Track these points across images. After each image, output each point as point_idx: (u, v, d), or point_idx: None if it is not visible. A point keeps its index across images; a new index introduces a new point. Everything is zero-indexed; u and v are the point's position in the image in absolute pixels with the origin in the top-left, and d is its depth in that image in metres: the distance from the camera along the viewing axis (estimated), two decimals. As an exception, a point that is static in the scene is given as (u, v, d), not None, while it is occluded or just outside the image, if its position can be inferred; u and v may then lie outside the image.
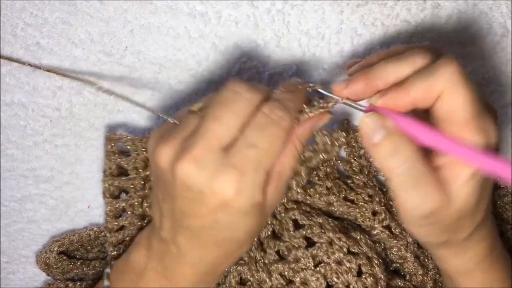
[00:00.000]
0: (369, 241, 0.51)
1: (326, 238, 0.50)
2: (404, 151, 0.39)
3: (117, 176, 0.52)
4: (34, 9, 0.52)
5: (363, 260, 0.49)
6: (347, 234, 0.51)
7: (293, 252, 0.50)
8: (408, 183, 0.39)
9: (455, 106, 0.39)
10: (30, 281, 0.59)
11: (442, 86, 0.39)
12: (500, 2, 0.54)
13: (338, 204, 0.52)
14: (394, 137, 0.39)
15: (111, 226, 0.51)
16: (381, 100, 0.40)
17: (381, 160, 0.40)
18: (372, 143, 0.40)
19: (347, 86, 0.41)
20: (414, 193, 0.39)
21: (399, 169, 0.39)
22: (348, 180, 0.55)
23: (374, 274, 0.49)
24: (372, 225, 0.52)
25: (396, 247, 0.52)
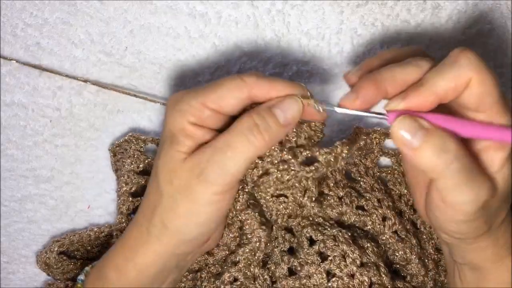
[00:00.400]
0: (375, 249, 0.51)
1: (339, 251, 0.49)
2: (450, 147, 0.38)
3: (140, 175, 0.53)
4: (34, 9, 0.52)
5: (373, 271, 0.49)
6: (356, 243, 0.50)
7: (306, 268, 0.49)
8: (461, 179, 0.38)
9: (485, 91, 0.39)
10: (30, 281, 0.59)
11: (470, 73, 0.39)
12: (500, 2, 0.54)
13: (351, 215, 0.52)
14: (435, 136, 0.39)
15: (124, 225, 0.52)
16: (404, 102, 0.39)
17: (428, 162, 0.38)
18: (413, 147, 0.39)
19: (358, 96, 0.40)
20: (468, 188, 0.39)
21: (451, 167, 0.38)
22: (356, 185, 0.54)
23: (383, 283, 0.49)
24: (382, 230, 0.52)
25: (402, 250, 0.52)
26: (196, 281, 0.52)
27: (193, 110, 0.42)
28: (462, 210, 0.40)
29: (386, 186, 0.56)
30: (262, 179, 0.47)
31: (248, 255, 0.50)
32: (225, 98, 0.42)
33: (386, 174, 0.56)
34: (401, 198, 0.55)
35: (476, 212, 0.40)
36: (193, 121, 0.42)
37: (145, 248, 0.44)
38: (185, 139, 0.42)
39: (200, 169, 0.41)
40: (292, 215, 0.52)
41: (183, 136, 0.42)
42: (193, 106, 0.42)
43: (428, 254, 0.54)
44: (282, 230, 0.52)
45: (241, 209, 0.50)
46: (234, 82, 0.42)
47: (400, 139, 0.39)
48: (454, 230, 0.43)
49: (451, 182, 0.39)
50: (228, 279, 0.50)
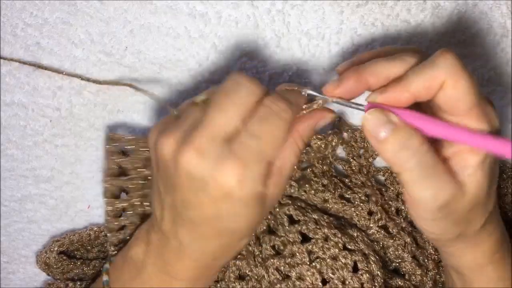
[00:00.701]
0: (366, 238, 0.51)
1: (321, 234, 0.50)
2: (413, 143, 0.39)
3: (118, 176, 0.52)
4: (34, 9, 0.52)
5: (359, 257, 0.49)
6: (343, 230, 0.51)
7: (289, 247, 0.50)
8: (421, 175, 0.39)
9: (458, 95, 0.39)
10: (30, 281, 0.59)
11: (444, 76, 0.39)
12: (500, 2, 0.54)
13: (333, 202, 0.53)
14: (401, 131, 0.39)
15: (111, 226, 0.51)
16: (381, 96, 0.40)
17: (390, 155, 0.40)
18: (378, 139, 0.40)
19: (338, 85, 0.42)
20: (428, 184, 0.39)
21: (411, 161, 0.39)
22: (346, 179, 0.55)
23: (370, 270, 0.49)
24: (368, 224, 0.52)
25: (393, 246, 0.52)
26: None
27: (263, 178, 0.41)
28: (423, 206, 0.40)
29: (384, 186, 0.56)
30: None
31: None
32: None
33: (383, 173, 0.56)
34: (398, 197, 0.55)
35: (438, 210, 0.40)
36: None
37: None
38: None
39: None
40: None
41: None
42: (264, 168, 0.40)
43: (428, 254, 0.54)
44: None
45: None
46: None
47: (369, 130, 0.40)
48: (426, 229, 0.43)
49: (412, 178, 0.39)
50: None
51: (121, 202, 0.52)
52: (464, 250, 0.45)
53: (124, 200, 0.52)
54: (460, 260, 0.46)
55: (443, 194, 0.40)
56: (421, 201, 0.40)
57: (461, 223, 0.42)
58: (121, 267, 0.48)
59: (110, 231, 0.51)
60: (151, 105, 0.55)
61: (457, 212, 0.41)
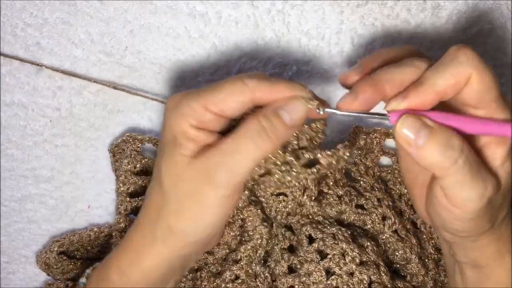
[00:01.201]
0: (375, 247, 0.51)
1: (339, 250, 0.49)
2: (456, 144, 0.38)
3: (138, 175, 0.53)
4: (34, 9, 0.52)
5: (373, 270, 0.49)
6: (356, 242, 0.50)
7: (305, 266, 0.49)
8: (468, 175, 0.39)
9: (484, 87, 0.39)
10: (30, 281, 0.59)
11: (470, 70, 0.39)
12: (500, 2, 0.54)
13: (350, 213, 0.52)
14: (440, 133, 0.39)
15: (122, 225, 0.51)
16: (405, 102, 0.39)
17: (433, 160, 0.39)
18: (418, 146, 0.39)
19: (356, 98, 0.40)
20: (475, 183, 0.39)
21: (459, 161, 0.38)
22: (355, 184, 0.54)
23: (382, 282, 0.49)
24: (382, 230, 0.52)
25: (402, 249, 0.52)
26: (196, 280, 0.52)
27: (194, 113, 0.41)
28: (469, 207, 0.40)
29: (386, 185, 0.56)
30: (264, 178, 0.47)
31: (250, 252, 0.50)
32: (227, 102, 0.41)
33: (386, 174, 0.56)
34: (401, 198, 0.55)
35: (482, 209, 0.40)
36: (195, 124, 0.42)
37: (149, 251, 0.44)
38: (188, 142, 0.42)
39: (208, 173, 0.41)
40: (291, 213, 0.52)
41: (185, 139, 0.42)
42: (195, 109, 0.41)
43: (428, 254, 0.54)
44: (282, 227, 0.52)
45: (243, 206, 0.50)
46: (236, 86, 0.41)
47: (404, 138, 0.39)
48: (459, 229, 0.42)
49: (458, 179, 0.39)
50: (229, 277, 0.50)
51: (138, 201, 0.52)
52: (490, 242, 0.44)
53: (139, 200, 0.52)
54: (483, 252, 0.45)
55: (488, 191, 0.39)
56: (466, 202, 0.39)
57: (494, 216, 0.42)
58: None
59: (119, 231, 0.51)
60: (151, 105, 0.55)
61: (494, 207, 0.41)
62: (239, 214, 0.51)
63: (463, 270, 0.48)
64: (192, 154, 0.42)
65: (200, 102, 0.41)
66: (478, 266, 0.46)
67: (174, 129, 0.42)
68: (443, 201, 0.41)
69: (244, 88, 0.41)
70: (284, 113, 0.42)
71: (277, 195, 0.51)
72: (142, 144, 0.54)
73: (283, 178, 0.48)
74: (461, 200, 0.39)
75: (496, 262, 0.45)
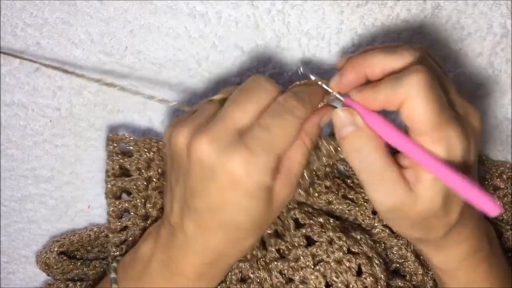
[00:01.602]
0: (369, 241, 0.51)
1: (326, 237, 0.50)
2: (367, 148, 0.41)
3: (120, 176, 0.52)
4: (34, 9, 0.52)
5: (363, 260, 0.49)
6: (347, 233, 0.51)
7: (293, 251, 0.50)
8: (371, 178, 0.41)
9: (415, 115, 0.39)
10: (30, 281, 0.59)
11: (404, 94, 0.39)
12: (500, 2, 0.54)
13: (337, 202, 0.53)
14: (360, 134, 0.41)
15: (113, 227, 0.51)
16: (357, 95, 0.42)
17: (346, 153, 0.42)
18: (341, 136, 0.42)
19: (341, 80, 0.42)
20: (378, 187, 0.41)
21: (360, 165, 0.41)
22: (348, 180, 0.55)
23: (374, 274, 0.49)
24: (372, 224, 0.52)
25: (397, 246, 0.52)
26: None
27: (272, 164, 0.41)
28: (376, 206, 0.42)
29: None
30: None
31: None
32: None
33: None
34: None
35: (389, 212, 0.42)
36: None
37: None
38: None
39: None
40: None
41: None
42: (273, 161, 0.41)
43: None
44: None
45: None
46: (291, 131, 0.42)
47: (335, 125, 0.42)
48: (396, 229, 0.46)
49: (362, 178, 0.41)
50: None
51: (123, 203, 0.52)
52: (430, 252, 0.46)
53: (126, 201, 0.52)
54: (430, 262, 0.47)
55: (390, 200, 0.41)
56: (373, 200, 0.42)
57: (417, 228, 0.43)
58: (129, 265, 0.48)
59: (112, 232, 0.51)
60: (151, 105, 0.55)
61: (410, 218, 0.41)
62: None
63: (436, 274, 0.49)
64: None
65: (274, 155, 0.42)
66: (435, 274, 0.49)
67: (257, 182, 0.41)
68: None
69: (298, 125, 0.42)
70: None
71: None
72: (118, 144, 0.53)
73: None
74: (369, 196, 0.42)
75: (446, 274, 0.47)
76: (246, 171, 0.39)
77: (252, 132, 0.40)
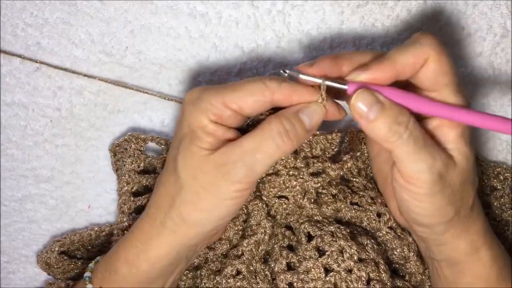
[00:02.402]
0: (375, 246, 0.51)
1: (337, 247, 0.50)
2: (403, 118, 0.41)
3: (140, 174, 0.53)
4: (35, 9, 0.52)
5: (372, 267, 0.49)
6: (355, 240, 0.51)
7: (304, 263, 0.50)
8: (415, 146, 0.41)
9: (441, 69, 0.41)
10: (31, 281, 0.59)
11: (429, 52, 0.41)
12: (500, 2, 0.54)
13: (346, 210, 0.52)
14: (390, 109, 0.41)
15: (126, 224, 0.52)
16: (364, 74, 0.41)
17: (382, 133, 0.41)
18: (369, 120, 0.41)
19: (313, 64, 0.43)
20: (423, 155, 0.41)
21: (404, 135, 0.41)
22: (348, 184, 0.55)
23: (381, 280, 0.49)
24: (378, 226, 0.52)
25: (400, 247, 0.52)
26: (196, 279, 0.52)
27: (214, 108, 0.43)
28: (420, 179, 0.42)
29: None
30: (270, 177, 0.48)
31: (253, 247, 0.50)
32: (247, 101, 0.43)
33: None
34: None
35: (434, 183, 0.41)
36: (214, 119, 0.43)
37: (158, 241, 0.45)
38: (206, 136, 0.43)
39: (228, 168, 0.42)
40: (290, 213, 0.52)
41: (204, 133, 0.43)
42: (214, 105, 0.43)
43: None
44: (282, 227, 0.52)
45: (249, 199, 0.50)
46: (256, 86, 0.43)
47: (358, 111, 0.41)
48: (420, 212, 0.44)
49: (406, 151, 0.41)
50: (230, 272, 0.50)
51: (142, 199, 0.53)
52: (459, 235, 0.46)
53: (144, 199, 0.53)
54: (455, 247, 0.47)
55: (438, 163, 0.41)
56: (418, 174, 0.41)
57: (456, 200, 0.43)
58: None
59: (123, 230, 0.52)
60: (152, 105, 0.55)
61: (451, 186, 0.42)
62: (243, 208, 0.51)
63: (441, 269, 0.49)
64: (210, 148, 0.43)
65: (220, 99, 0.43)
66: (454, 263, 0.48)
67: (193, 123, 0.44)
68: (401, 181, 0.43)
69: (264, 89, 0.43)
70: (304, 117, 0.43)
71: (279, 197, 0.51)
72: (145, 143, 0.54)
73: (288, 182, 0.49)
74: (412, 173, 0.42)
75: (470, 257, 0.47)
76: (189, 105, 0.43)
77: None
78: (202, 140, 0.43)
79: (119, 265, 0.47)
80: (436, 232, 0.46)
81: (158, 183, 0.47)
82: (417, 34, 0.43)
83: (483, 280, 0.47)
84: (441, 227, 0.45)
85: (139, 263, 0.46)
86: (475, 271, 0.47)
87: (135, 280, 0.46)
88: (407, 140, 0.41)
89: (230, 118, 0.43)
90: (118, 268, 0.47)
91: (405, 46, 0.42)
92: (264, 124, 0.43)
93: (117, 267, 0.47)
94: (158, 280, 0.47)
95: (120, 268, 0.47)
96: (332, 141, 0.48)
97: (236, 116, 0.44)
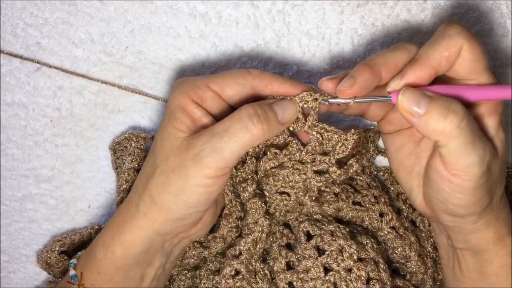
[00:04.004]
0: (375, 245, 0.51)
1: (336, 246, 0.49)
2: (456, 107, 0.40)
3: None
4: (35, 9, 0.52)
5: (371, 267, 0.49)
6: (355, 239, 0.51)
7: (303, 262, 0.50)
8: (471, 138, 0.40)
9: (476, 56, 0.41)
10: (31, 280, 0.59)
11: (461, 41, 0.41)
12: (500, 2, 0.54)
13: (347, 210, 0.52)
14: (440, 100, 0.40)
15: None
16: (403, 80, 0.42)
17: (436, 126, 0.40)
18: (420, 115, 0.40)
19: (355, 82, 0.42)
20: (476, 147, 0.40)
21: (461, 126, 0.39)
22: (352, 182, 0.55)
23: (381, 279, 0.49)
24: (380, 226, 0.52)
25: (401, 247, 0.52)
26: (195, 279, 0.52)
27: (196, 88, 0.44)
28: (469, 173, 0.41)
29: (383, 185, 0.56)
30: (275, 170, 0.48)
31: (250, 245, 0.50)
32: (229, 83, 0.44)
33: (383, 173, 0.56)
34: (399, 197, 0.55)
35: (482, 175, 0.41)
36: (194, 99, 0.44)
37: (131, 223, 0.45)
38: (183, 116, 0.44)
39: (196, 150, 0.42)
40: (290, 211, 0.52)
41: (182, 113, 0.44)
42: (197, 86, 0.44)
43: (427, 252, 0.54)
44: (280, 225, 0.52)
45: (249, 197, 0.50)
46: (239, 71, 0.45)
47: (406, 110, 0.40)
48: (461, 203, 0.43)
49: (460, 143, 0.40)
50: (229, 273, 0.50)
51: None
52: (490, 223, 0.45)
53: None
54: (484, 235, 0.46)
55: (488, 155, 0.41)
56: (468, 167, 0.40)
57: (493, 189, 0.43)
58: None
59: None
60: (152, 104, 0.55)
61: (493, 175, 0.42)
62: (236, 205, 0.51)
63: (464, 258, 0.48)
64: (186, 130, 0.44)
65: (203, 81, 0.44)
66: (480, 251, 0.47)
67: (174, 102, 0.44)
68: (444, 174, 0.42)
69: (246, 74, 0.44)
70: (278, 108, 0.44)
71: (280, 193, 0.51)
72: (146, 141, 0.54)
73: (291, 175, 0.48)
74: (462, 166, 0.40)
75: (497, 245, 0.46)
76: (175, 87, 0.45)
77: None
78: (178, 120, 0.43)
79: (97, 249, 0.47)
80: (469, 221, 0.45)
81: (142, 166, 0.48)
82: (442, 25, 0.42)
83: (508, 268, 0.46)
84: (476, 216, 0.44)
85: (114, 247, 0.46)
86: (500, 259, 0.47)
87: (111, 265, 0.46)
88: (465, 128, 0.39)
89: (211, 100, 0.44)
90: (96, 252, 0.47)
91: (435, 41, 0.42)
92: (236, 110, 0.43)
93: (95, 252, 0.47)
94: (134, 269, 0.47)
95: (98, 252, 0.47)
96: (345, 142, 0.48)
97: (217, 99, 0.44)
